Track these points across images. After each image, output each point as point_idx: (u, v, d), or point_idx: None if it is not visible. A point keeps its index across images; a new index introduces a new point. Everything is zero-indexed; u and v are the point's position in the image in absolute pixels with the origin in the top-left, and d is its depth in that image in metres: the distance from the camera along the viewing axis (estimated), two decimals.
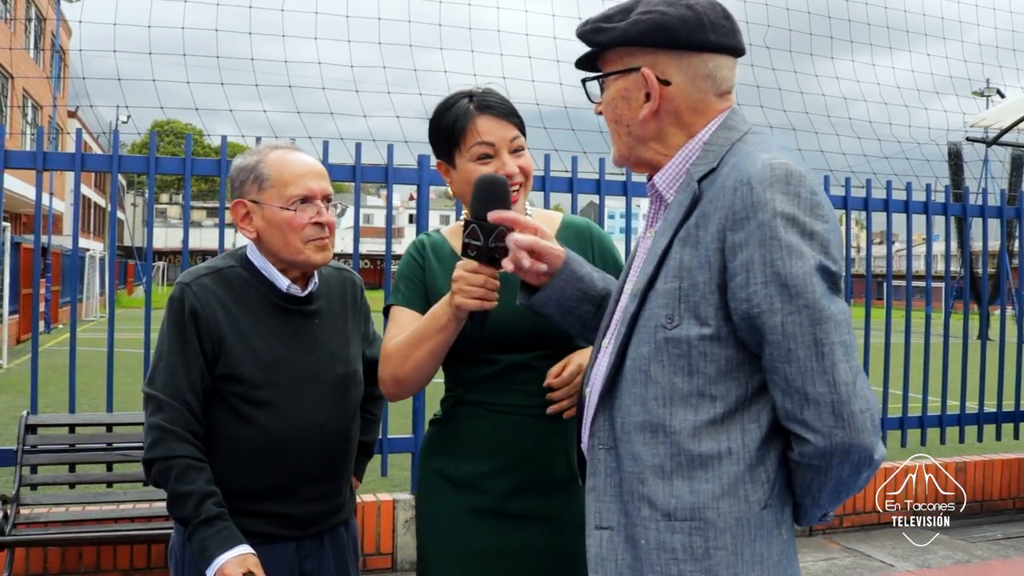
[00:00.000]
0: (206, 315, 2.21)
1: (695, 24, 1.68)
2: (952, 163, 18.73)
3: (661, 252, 1.65)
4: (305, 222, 2.23)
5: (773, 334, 1.54)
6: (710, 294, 1.60)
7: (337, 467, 2.37)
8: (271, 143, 2.35)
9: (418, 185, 5.06)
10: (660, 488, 1.62)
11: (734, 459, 1.60)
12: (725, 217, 1.57)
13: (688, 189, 1.66)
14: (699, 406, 1.61)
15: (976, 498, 6.28)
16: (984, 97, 25.26)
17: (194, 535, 2.09)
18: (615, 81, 1.75)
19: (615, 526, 1.68)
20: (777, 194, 1.54)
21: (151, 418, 2.17)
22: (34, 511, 4.35)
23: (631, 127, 1.75)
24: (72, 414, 4.59)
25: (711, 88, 1.72)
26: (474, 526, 2.17)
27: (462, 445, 2.22)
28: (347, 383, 2.37)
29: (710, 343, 1.60)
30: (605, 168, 5.28)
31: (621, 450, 1.68)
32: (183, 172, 4.68)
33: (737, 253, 1.56)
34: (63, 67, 33.73)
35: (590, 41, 1.78)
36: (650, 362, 1.64)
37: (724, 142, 1.70)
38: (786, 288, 1.53)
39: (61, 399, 9.75)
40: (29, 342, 19.10)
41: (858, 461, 1.57)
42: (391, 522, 4.91)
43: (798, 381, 1.53)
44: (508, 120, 2.19)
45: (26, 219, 32.46)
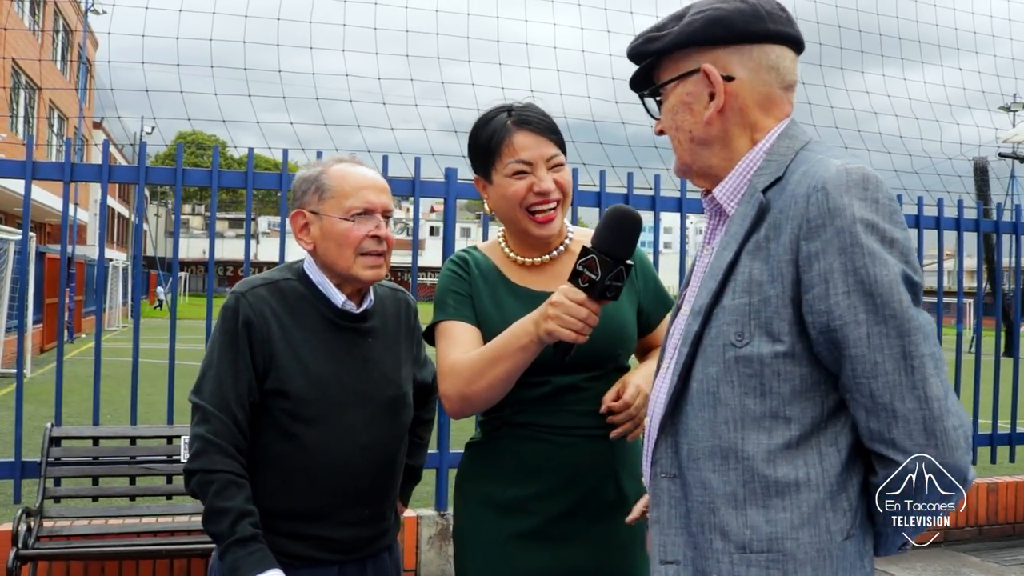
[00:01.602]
0: (260, 326, 2.18)
1: (751, 14, 1.62)
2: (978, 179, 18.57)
3: (726, 267, 1.56)
4: (363, 235, 2.20)
5: (857, 347, 1.45)
6: (783, 308, 1.51)
7: (382, 491, 2.32)
8: (336, 156, 2.34)
9: (445, 198, 5.03)
10: (733, 518, 1.52)
11: (813, 486, 1.51)
12: (798, 226, 1.49)
13: (752, 200, 1.58)
14: (773, 429, 1.52)
15: (1008, 520, 6.15)
16: (1011, 112, 25.05)
17: (227, 553, 2.04)
18: (674, 89, 1.68)
19: (682, 560, 1.58)
20: (855, 200, 1.46)
21: (196, 428, 2.14)
22: (57, 524, 4.32)
23: (694, 131, 1.66)
24: (96, 426, 4.57)
25: (776, 80, 1.65)
26: (521, 551, 2.12)
27: (510, 468, 2.17)
28: (397, 406, 2.33)
29: (784, 361, 1.51)
30: (633, 182, 5.22)
31: (688, 478, 1.58)
32: (210, 184, 4.66)
33: (814, 263, 1.47)
34: (89, 79, 34.07)
35: (643, 53, 1.71)
36: (719, 383, 1.54)
37: (787, 151, 1.62)
38: (871, 297, 1.44)
39: (83, 409, 9.77)
40: (52, 351, 19.33)
41: (957, 478, 1.47)
42: (415, 539, 4.85)
43: (885, 397, 1.44)
44: (546, 136, 2.15)
45: (50, 229, 32.75)
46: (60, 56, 34.79)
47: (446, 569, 4.86)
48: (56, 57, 34.06)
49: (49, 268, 19.44)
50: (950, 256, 10.25)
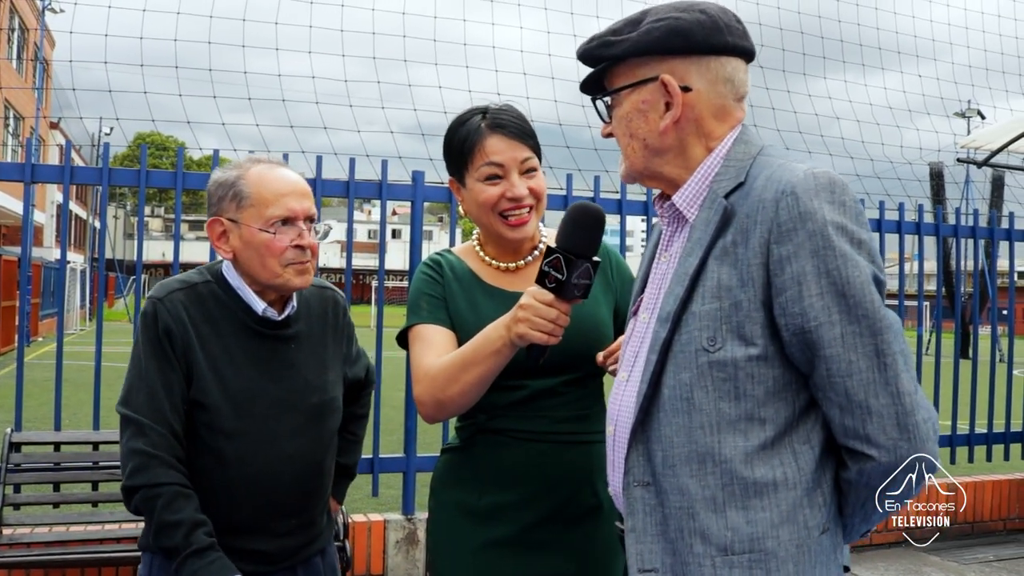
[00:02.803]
0: (180, 334, 2.09)
1: (711, 27, 1.63)
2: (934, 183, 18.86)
3: (693, 272, 1.57)
4: (285, 245, 2.11)
5: (832, 347, 1.47)
6: (755, 312, 1.52)
7: (310, 500, 2.25)
8: (254, 157, 2.21)
9: (412, 201, 5.01)
10: (713, 521, 1.53)
11: (790, 484, 1.53)
12: (768, 230, 1.50)
13: (715, 206, 1.59)
14: (748, 431, 1.53)
15: (968, 519, 6.26)
16: (966, 118, 25.48)
17: (184, 566, 1.97)
18: (629, 95, 1.67)
19: (660, 567, 1.58)
20: (824, 203, 1.49)
21: (131, 442, 2.03)
22: (17, 532, 4.25)
23: (648, 139, 1.66)
24: (57, 431, 4.49)
25: (730, 92, 1.67)
26: (497, 560, 2.09)
27: (486, 475, 2.13)
28: (323, 412, 2.25)
29: (757, 364, 1.53)
30: (600, 186, 5.25)
31: (665, 485, 1.58)
32: (174, 185, 4.60)
33: (786, 266, 1.49)
34: (46, 78, 33.54)
35: (598, 57, 1.69)
36: (693, 388, 1.55)
37: (744, 156, 1.63)
38: (844, 298, 1.47)
39: (41, 413, 9.61)
40: (8, 355, 18.99)
41: (925, 470, 1.52)
42: (382, 543, 4.83)
43: (860, 395, 1.47)
44: (520, 140, 2.11)
45: (6, 230, 32.18)
46: (16, 55, 34.21)
47: (413, 573, 4.84)
48: (12, 56, 33.49)
49: (5, 270, 19.10)
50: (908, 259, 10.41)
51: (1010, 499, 6.43)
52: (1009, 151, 7.29)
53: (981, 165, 7.42)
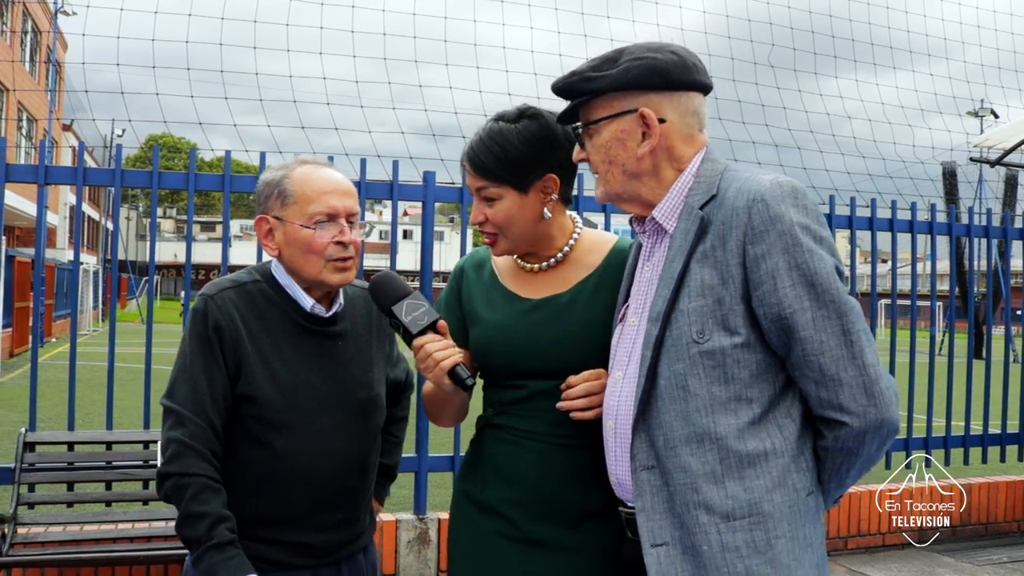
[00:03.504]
0: (229, 330, 2.14)
1: (683, 66, 1.86)
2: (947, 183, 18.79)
3: (678, 275, 1.79)
4: (326, 242, 2.16)
5: (806, 330, 1.71)
6: (736, 305, 1.75)
7: (355, 495, 2.29)
8: (301, 158, 2.27)
9: (423, 201, 5.02)
10: (715, 492, 1.74)
11: (779, 452, 1.76)
12: (743, 234, 1.73)
13: (692, 216, 1.82)
14: (738, 410, 1.76)
15: (980, 520, 6.23)
16: (979, 117, 25.38)
17: (203, 558, 2.00)
18: (608, 125, 1.88)
19: (670, 541, 1.77)
20: (790, 208, 1.73)
21: (171, 431, 2.08)
22: (31, 531, 4.27)
23: (626, 165, 1.88)
24: (71, 431, 4.52)
25: (696, 123, 1.91)
26: (499, 551, 2.14)
27: (487, 469, 2.20)
28: (369, 409, 2.30)
29: (742, 350, 1.75)
30: None
31: (669, 465, 1.78)
32: (186, 187, 4.62)
33: (761, 263, 1.72)
34: (59, 80, 33.72)
35: (579, 90, 1.90)
36: (687, 377, 1.76)
37: (712, 173, 1.86)
38: (813, 287, 1.71)
39: (55, 414, 9.67)
40: (21, 356, 19.12)
41: (886, 434, 1.75)
42: (394, 543, 4.84)
43: (832, 369, 1.71)
44: (472, 168, 2.15)
45: (19, 232, 32.35)
46: (29, 58, 34.39)
47: (425, 573, 4.85)
48: (25, 59, 33.67)
49: (19, 272, 19.21)
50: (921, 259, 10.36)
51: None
52: (1022, 150, 7.25)
53: (994, 164, 7.38)
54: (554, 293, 2.17)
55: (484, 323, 2.19)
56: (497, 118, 2.16)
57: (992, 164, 7.30)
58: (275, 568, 2.14)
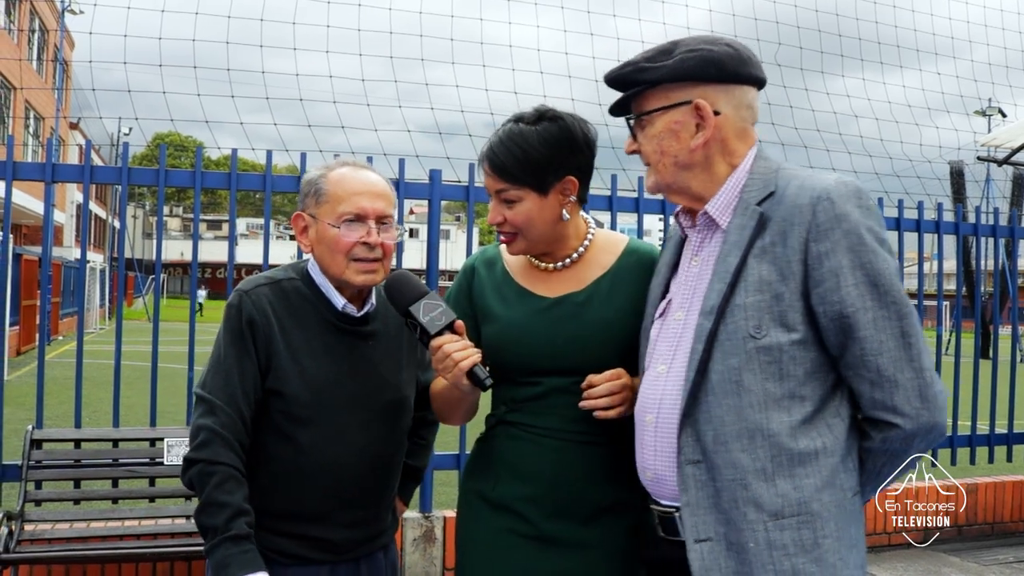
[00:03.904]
0: (262, 325, 2.17)
1: (739, 59, 1.86)
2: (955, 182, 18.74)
3: (734, 270, 1.78)
4: (352, 241, 2.18)
5: (866, 330, 1.71)
6: (796, 302, 1.74)
7: (378, 494, 2.31)
8: (343, 159, 2.32)
9: (429, 200, 5.02)
10: (764, 490, 1.74)
11: (829, 452, 1.76)
12: (806, 230, 1.73)
13: (748, 212, 1.81)
14: (791, 407, 1.75)
15: (987, 520, 6.21)
16: (987, 116, 25.30)
17: (218, 548, 2.02)
18: (661, 116, 1.88)
19: (714, 536, 1.77)
20: (855, 207, 1.73)
21: (202, 419, 2.12)
22: (38, 528, 4.29)
23: (678, 157, 1.88)
24: (78, 429, 4.53)
25: (749, 117, 1.91)
26: (511, 549, 2.14)
27: (500, 466, 2.20)
28: (396, 410, 2.32)
29: (798, 347, 1.75)
30: (617, 184, 5.24)
31: (717, 461, 1.77)
32: (193, 185, 4.63)
33: (824, 260, 1.72)
34: (66, 79, 33.79)
35: (633, 81, 1.89)
36: (741, 372, 1.75)
37: (767, 170, 1.86)
38: (876, 287, 1.71)
39: (61, 411, 9.69)
40: (28, 354, 19.16)
41: (933, 438, 1.76)
42: (400, 541, 4.84)
43: (890, 370, 1.71)
44: (494, 174, 2.15)
45: (26, 230, 32.44)
46: (36, 56, 34.47)
47: (430, 571, 4.86)
48: (32, 57, 33.75)
49: (26, 270, 19.25)
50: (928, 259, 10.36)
51: None
52: None
53: (1001, 163, 7.36)
54: (569, 292, 2.18)
55: (499, 320, 2.20)
56: (516, 119, 2.16)
57: (999, 163, 7.29)
58: (294, 562, 2.16)
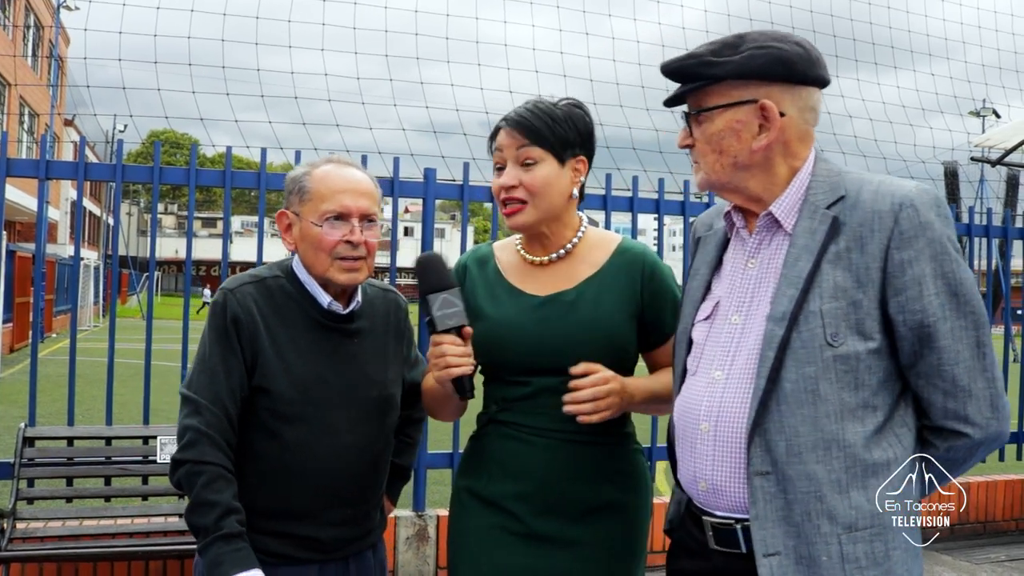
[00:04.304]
0: (247, 323, 2.17)
1: (808, 59, 1.79)
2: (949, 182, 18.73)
3: (807, 275, 1.73)
4: (335, 240, 2.17)
5: (945, 339, 1.69)
6: (874, 310, 1.71)
7: (366, 492, 2.30)
8: (329, 157, 2.31)
9: (424, 198, 5.02)
10: (839, 502, 1.70)
11: (899, 462, 1.74)
12: (887, 238, 1.70)
13: (816, 216, 1.77)
14: (864, 417, 1.72)
15: (979, 519, 6.23)
16: (981, 117, 25.33)
17: (210, 548, 2.02)
18: (722, 114, 1.80)
19: (783, 551, 1.72)
20: (936, 216, 1.71)
21: (188, 419, 2.11)
22: (30, 526, 4.28)
23: (738, 157, 1.81)
24: (71, 426, 4.52)
25: (813, 119, 1.84)
26: (503, 545, 2.15)
27: (491, 464, 2.22)
28: (383, 407, 2.31)
29: (874, 356, 1.72)
30: (611, 184, 5.24)
31: (789, 472, 1.72)
32: (187, 182, 4.63)
33: (907, 269, 1.69)
34: (61, 75, 33.71)
35: (696, 75, 1.80)
36: (818, 381, 1.70)
37: (830, 173, 1.82)
38: (956, 297, 1.70)
39: (55, 409, 9.68)
40: (21, 351, 19.11)
41: (996, 447, 1.78)
42: (392, 539, 4.84)
43: (964, 380, 1.70)
44: (519, 132, 2.15)
45: (20, 227, 32.36)
46: (31, 52, 34.39)
47: (423, 570, 4.86)
48: (27, 53, 33.66)
49: (20, 267, 19.20)
50: None
51: (1022, 499, 6.40)
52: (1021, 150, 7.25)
53: (995, 164, 7.38)
54: (558, 291, 2.18)
55: (489, 319, 2.20)
56: (539, 99, 2.19)
57: (993, 164, 7.30)
58: (282, 562, 2.15)
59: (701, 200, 5.68)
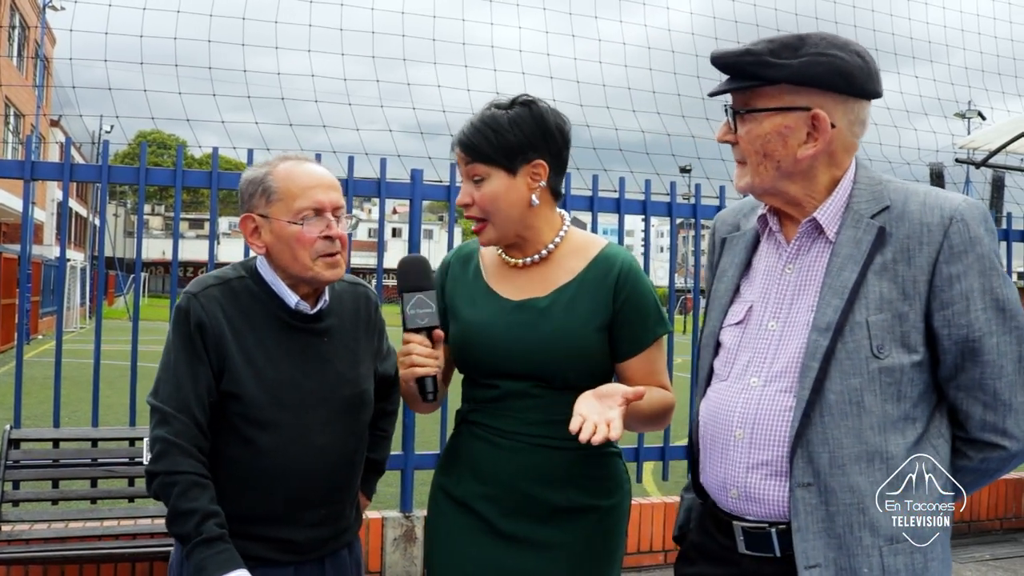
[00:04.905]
0: (212, 328, 2.14)
1: (867, 73, 1.75)
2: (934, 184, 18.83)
3: (852, 286, 1.71)
4: (315, 236, 2.14)
5: (990, 354, 1.70)
6: (919, 323, 1.71)
7: (340, 492, 2.30)
8: (283, 155, 2.26)
9: (411, 199, 5.03)
10: (881, 514, 1.70)
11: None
12: (936, 251, 1.69)
13: (861, 225, 1.75)
14: (905, 429, 1.72)
15: (964, 519, 6.28)
16: (966, 119, 25.48)
17: (193, 554, 2.02)
18: (771, 116, 1.76)
19: (823, 563, 1.71)
20: (985, 232, 1.72)
21: (156, 430, 2.09)
22: (16, 528, 4.26)
23: (782, 163, 1.77)
24: (56, 428, 4.51)
25: (860, 132, 1.81)
26: (475, 545, 2.17)
27: (462, 464, 2.23)
28: (355, 405, 2.30)
29: (917, 369, 1.72)
30: (598, 185, 5.26)
31: (833, 484, 1.70)
32: (174, 183, 4.62)
33: (955, 283, 1.69)
34: (47, 76, 33.55)
35: (751, 73, 1.75)
36: (863, 393, 1.70)
37: (872, 181, 1.80)
38: (1003, 312, 1.70)
39: (40, 411, 9.63)
40: (7, 353, 18.98)
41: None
42: (380, 540, 4.85)
43: (1006, 394, 1.71)
44: (460, 148, 2.16)
45: (6, 228, 32.19)
46: (16, 52, 34.21)
47: (411, 571, 4.86)
48: (12, 54, 33.49)
49: (5, 268, 19.11)
50: None
51: (1007, 498, 6.45)
52: (1007, 151, 7.31)
53: (979, 166, 7.43)
54: (533, 296, 2.17)
55: (464, 320, 2.21)
56: (490, 105, 2.16)
57: (977, 165, 7.35)
58: (258, 564, 2.13)
59: (688, 202, 5.71)
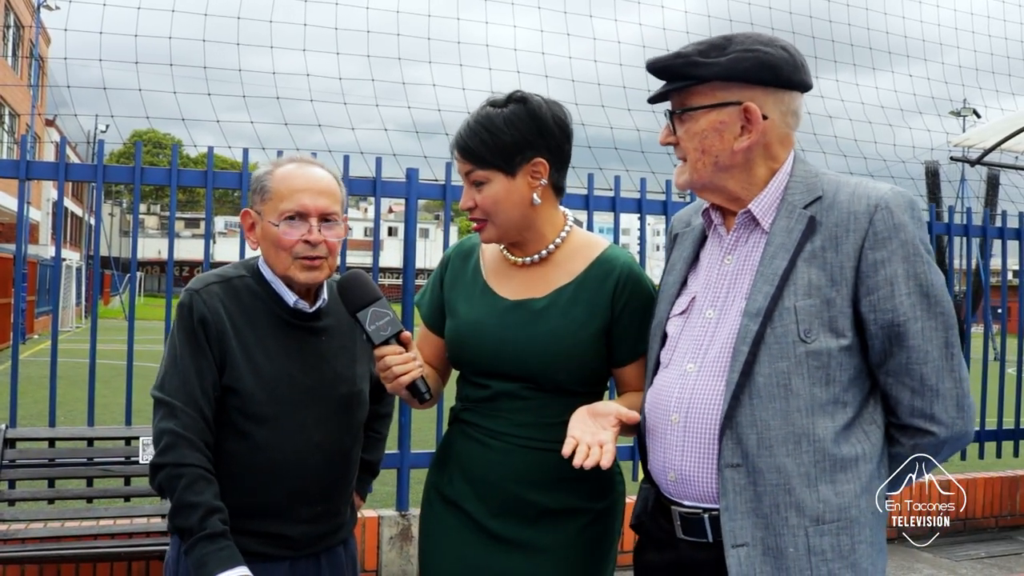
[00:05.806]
0: (214, 323, 2.17)
1: (794, 65, 1.82)
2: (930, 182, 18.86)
3: (782, 273, 1.77)
4: (293, 240, 2.17)
5: (915, 339, 1.73)
6: (846, 308, 1.74)
7: (336, 488, 2.31)
8: (291, 156, 2.30)
9: (406, 198, 5.03)
10: (807, 495, 1.73)
11: (867, 458, 1.78)
12: (862, 238, 1.73)
13: (793, 215, 1.81)
14: (835, 413, 1.75)
15: (959, 516, 6.29)
16: (961, 117, 25.53)
17: (194, 548, 2.02)
18: (707, 114, 1.83)
19: (750, 542, 1.75)
20: (910, 218, 1.76)
21: (163, 423, 2.10)
22: (12, 527, 4.26)
23: (719, 157, 1.84)
24: (52, 428, 4.50)
25: (794, 123, 1.88)
26: (465, 544, 2.17)
27: (453, 463, 2.24)
28: (351, 403, 2.32)
29: (845, 353, 1.75)
30: (594, 183, 5.26)
31: (760, 465, 1.75)
32: (169, 183, 4.62)
33: (880, 269, 1.73)
34: (41, 75, 33.47)
35: (682, 74, 1.83)
36: (790, 376, 1.74)
37: (808, 174, 1.86)
38: (927, 298, 1.74)
39: (36, 411, 9.61)
40: (3, 353, 18.92)
41: (960, 446, 1.82)
42: (376, 539, 4.85)
43: (932, 379, 1.74)
44: (459, 153, 2.15)
45: (1, 228, 32.11)
46: (11, 52, 34.14)
47: (407, 569, 4.87)
48: (7, 53, 33.42)
49: (1, 268, 19.07)
50: None
51: (1002, 496, 6.46)
52: (1002, 150, 7.32)
53: (974, 164, 7.45)
54: (530, 297, 2.16)
55: (459, 317, 2.22)
56: (486, 104, 2.15)
57: (972, 164, 7.37)
58: (253, 559, 2.14)
59: (684, 199, 5.71)
